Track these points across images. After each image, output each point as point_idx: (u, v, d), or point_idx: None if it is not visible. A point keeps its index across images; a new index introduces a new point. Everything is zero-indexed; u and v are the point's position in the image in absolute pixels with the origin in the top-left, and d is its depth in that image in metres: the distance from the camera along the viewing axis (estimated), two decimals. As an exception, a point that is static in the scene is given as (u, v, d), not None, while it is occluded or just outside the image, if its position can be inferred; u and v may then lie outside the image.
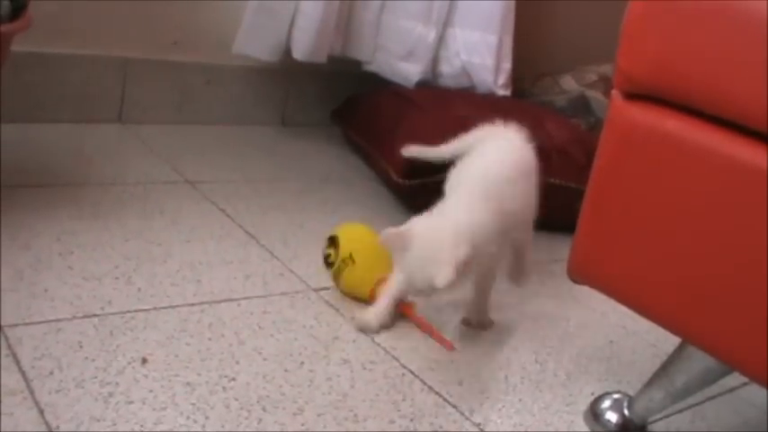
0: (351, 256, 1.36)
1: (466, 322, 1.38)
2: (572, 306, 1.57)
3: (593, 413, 1.20)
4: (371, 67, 2.15)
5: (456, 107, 1.89)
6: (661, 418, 1.24)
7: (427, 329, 1.32)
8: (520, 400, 1.22)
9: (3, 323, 1.12)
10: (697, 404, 1.31)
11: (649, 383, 1.16)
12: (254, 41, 1.99)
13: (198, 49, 2.08)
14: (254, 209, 1.69)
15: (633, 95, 1.04)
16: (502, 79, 2.12)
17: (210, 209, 1.65)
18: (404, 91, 2.05)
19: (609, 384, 1.30)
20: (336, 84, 2.24)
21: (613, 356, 1.42)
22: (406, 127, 1.82)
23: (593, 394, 1.25)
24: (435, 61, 2.14)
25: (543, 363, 1.34)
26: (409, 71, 2.10)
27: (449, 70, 2.13)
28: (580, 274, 1.13)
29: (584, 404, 1.23)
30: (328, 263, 1.39)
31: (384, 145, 1.85)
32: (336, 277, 1.38)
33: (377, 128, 1.95)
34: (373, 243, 1.32)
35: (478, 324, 1.38)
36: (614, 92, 1.06)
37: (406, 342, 1.30)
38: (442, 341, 1.30)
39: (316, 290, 1.41)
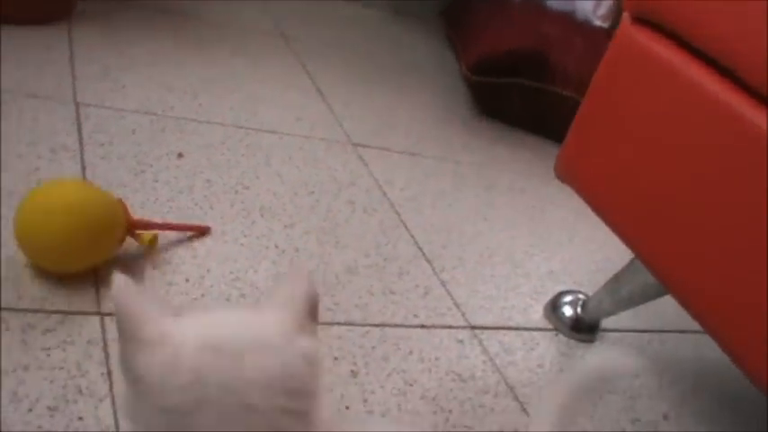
0: None
1: None
2: (586, 220, 1.67)
3: (553, 305, 1.33)
4: (485, -25, 2.25)
5: (545, 25, 1.98)
6: (618, 331, 1.35)
7: (169, 228, 1.13)
8: (492, 275, 1.36)
9: (79, 101, 1.35)
10: (663, 331, 1.41)
11: (602, 288, 1.28)
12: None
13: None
14: (332, 71, 1.86)
15: (639, 19, 1.13)
16: (602, 10, 2.18)
17: (293, 62, 1.83)
18: (505, 3, 2.15)
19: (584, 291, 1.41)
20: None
21: (600, 270, 1.52)
22: (489, 33, 1.94)
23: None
24: (546, -20, 2.22)
25: (532, 255, 1.47)
26: (518, -16, 2.19)
27: (556, -9, 2.21)
28: (563, 172, 1.25)
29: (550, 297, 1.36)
30: None
31: (467, 41, 1.98)
32: None
33: (468, 27, 2.07)
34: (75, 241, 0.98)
35: None
36: (625, 13, 1.16)
37: (414, 203, 1.45)
38: (194, 229, 1.16)
39: (355, 144, 1.57)
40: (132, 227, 1.06)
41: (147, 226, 1.09)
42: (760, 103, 0.95)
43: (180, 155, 1.31)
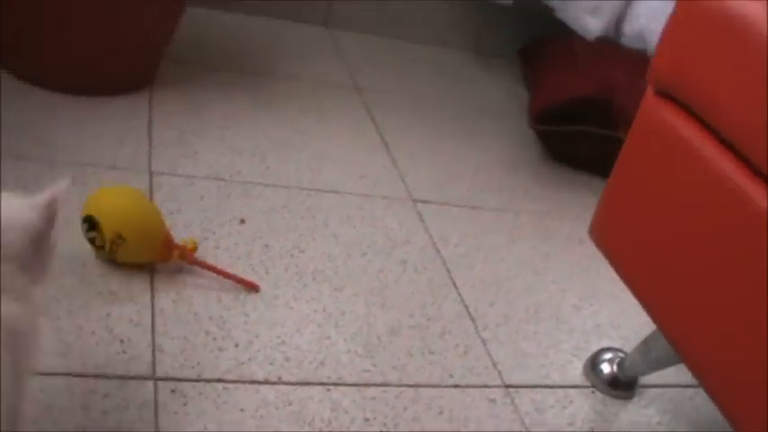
0: (120, 236, 1.21)
1: None
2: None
3: (592, 362, 1.37)
4: (560, 15, 2.29)
5: (612, 70, 2.01)
6: (659, 387, 1.37)
7: (222, 274, 1.28)
8: (535, 332, 1.42)
9: (153, 169, 1.48)
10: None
11: (635, 350, 1.32)
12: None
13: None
14: (402, 123, 1.95)
15: (661, 92, 1.18)
16: (674, 49, 2.19)
17: (363, 115, 1.93)
18: (574, 45, 2.18)
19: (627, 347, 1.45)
20: (528, 21, 2.41)
21: (649, 324, 1.53)
22: (554, 78, 1.99)
23: (605, 349, 1.41)
24: (620, 20, 2.24)
25: (580, 309, 1.51)
26: (591, 26, 2.22)
27: (629, 31, 2.23)
28: (595, 236, 1.30)
29: (592, 355, 1.40)
30: (97, 246, 1.23)
31: (536, 85, 2.04)
32: (113, 256, 1.23)
33: (539, 69, 2.13)
34: (136, 207, 1.27)
35: None
36: (649, 85, 1.20)
37: (466, 259, 1.52)
38: (243, 283, 1.29)
39: (415, 200, 1.66)
40: (174, 248, 1.26)
41: (197, 263, 1.27)
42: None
43: (242, 221, 1.42)
